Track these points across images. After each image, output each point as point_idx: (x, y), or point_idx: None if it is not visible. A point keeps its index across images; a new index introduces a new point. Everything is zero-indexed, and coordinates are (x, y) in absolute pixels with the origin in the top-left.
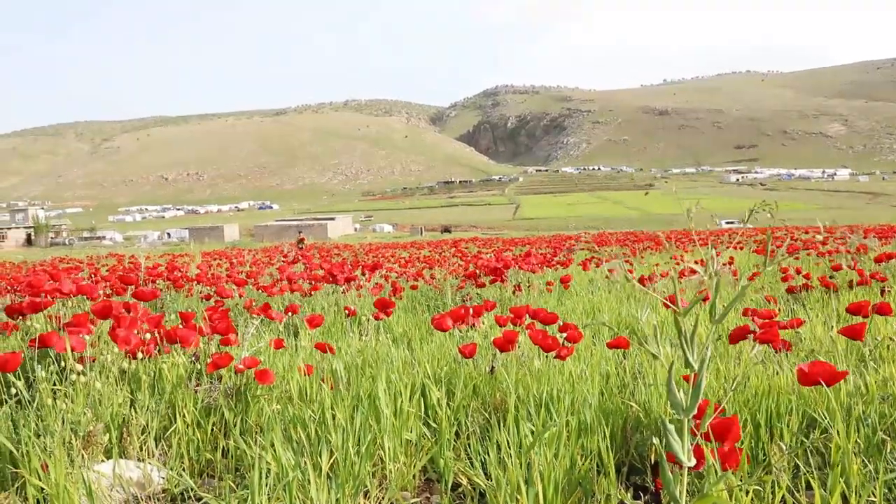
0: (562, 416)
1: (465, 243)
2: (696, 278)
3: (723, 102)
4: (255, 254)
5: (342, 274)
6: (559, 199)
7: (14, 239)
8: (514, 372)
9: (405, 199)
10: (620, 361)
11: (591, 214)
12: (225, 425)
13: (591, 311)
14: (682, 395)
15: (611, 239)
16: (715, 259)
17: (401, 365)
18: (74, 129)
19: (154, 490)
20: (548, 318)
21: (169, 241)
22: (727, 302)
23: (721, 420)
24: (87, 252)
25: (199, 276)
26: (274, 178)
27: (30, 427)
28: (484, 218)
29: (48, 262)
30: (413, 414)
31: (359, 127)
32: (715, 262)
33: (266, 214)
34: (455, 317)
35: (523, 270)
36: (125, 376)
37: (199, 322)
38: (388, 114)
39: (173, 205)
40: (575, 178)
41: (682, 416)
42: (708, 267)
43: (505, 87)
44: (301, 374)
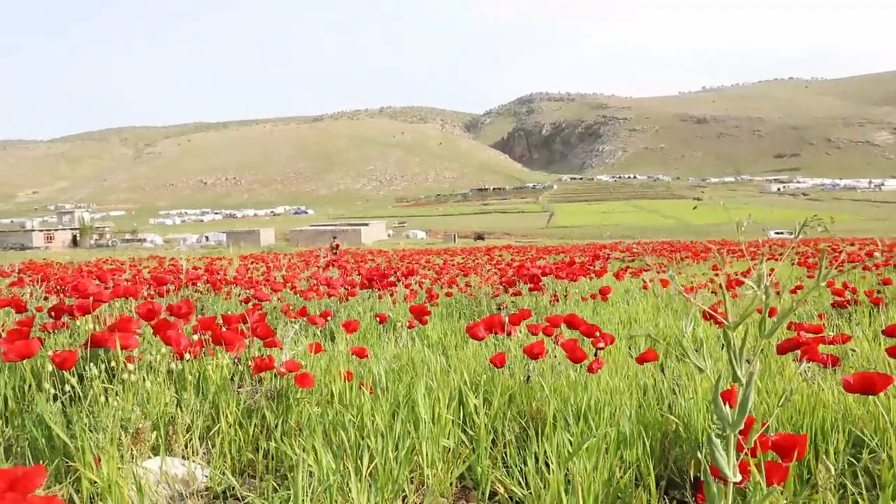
0: (600, 427)
1: (498, 251)
2: (749, 292)
3: (764, 110)
4: (291, 258)
5: (379, 280)
6: (594, 207)
7: (61, 240)
8: (550, 381)
9: (438, 206)
10: (655, 374)
11: (627, 223)
12: (266, 427)
13: (628, 322)
14: (728, 410)
15: (647, 248)
16: (766, 273)
17: (438, 372)
18: (119, 135)
19: (198, 487)
20: (588, 329)
21: (207, 245)
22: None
23: (786, 436)
24: (128, 254)
25: (237, 280)
26: (310, 184)
27: (82, 423)
28: (517, 225)
29: (93, 263)
30: (451, 421)
31: (394, 134)
32: (766, 277)
33: (301, 219)
34: (488, 325)
35: (560, 279)
36: (171, 376)
37: (241, 326)
38: (422, 121)
39: (212, 209)
40: (610, 187)
41: (729, 431)
42: (760, 280)
43: (540, 94)
44: (340, 379)
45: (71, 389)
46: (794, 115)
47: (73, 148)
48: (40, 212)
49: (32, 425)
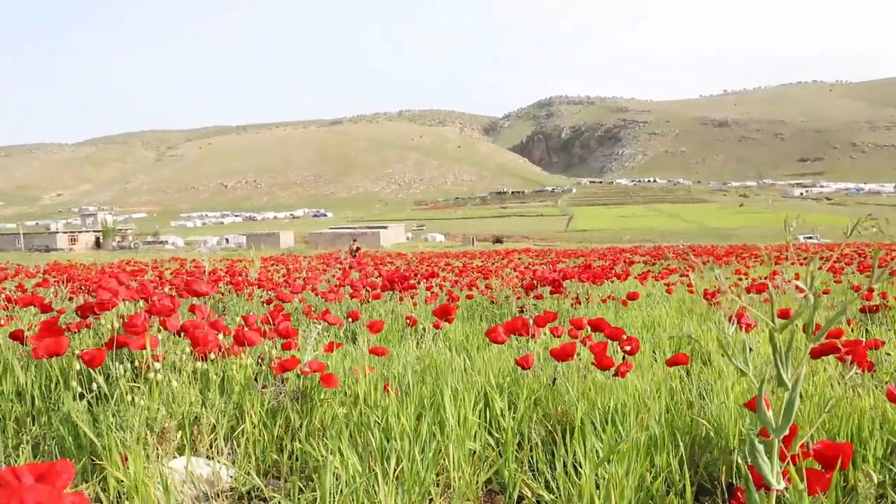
0: (630, 431)
1: (517, 254)
2: (800, 294)
3: (786, 113)
4: (311, 260)
5: (400, 282)
6: (613, 211)
7: (84, 242)
8: (576, 384)
9: (457, 209)
10: (682, 378)
11: (647, 227)
12: (290, 427)
13: (651, 326)
14: (770, 415)
15: (668, 252)
16: (813, 275)
17: (463, 374)
18: (141, 138)
19: (222, 488)
20: (613, 332)
21: (227, 247)
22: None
23: (829, 444)
24: (150, 256)
25: (260, 282)
26: (329, 187)
27: (108, 421)
28: (536, 229)
29: (115, 265)
30: (476, 423)
31: (412, 137)
32: (813, 279)
33: (320, 222)
34: (510, 328)
35: (582, 282)
36: (195, 376)
37: (263, 326)
38: (441, 124)
39: (232, 211)
40: (630, 190)
41: (773, 436)
42: (810, 282)
43: (559, 97)
44: (364, 379)
45: (97, 388)
46: (817, 118)
47: (96, 151)
48: (64, 214)
49: (60, 423)
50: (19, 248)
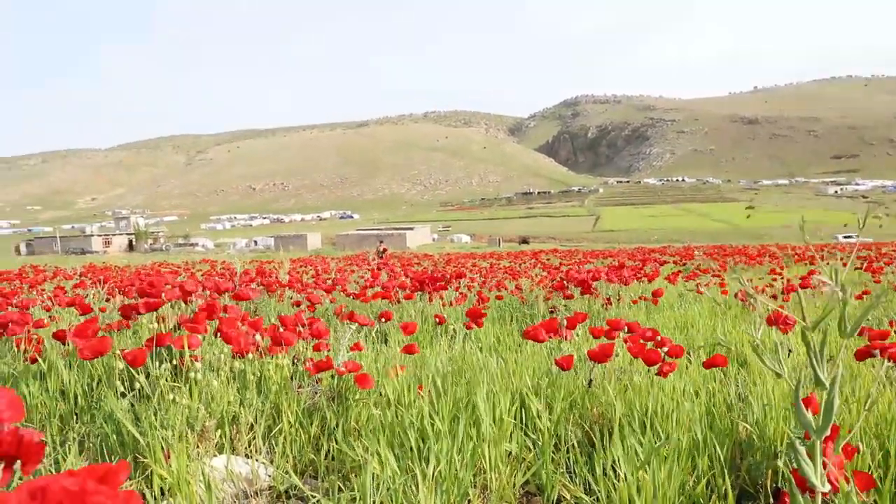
0: (671, 433)
1: (545, 254)
2: (826, 289)
3: (820, 110)
4: (338, 262)
5: (429, 283)
6: (641, 210)
7: (118, 244)
8: (613, 386)
9: (483, 210)
10: (719, 380)
11: (675, 227)
12: (325, 427)
13: (684, 327)
14: (811, 416)
15: (698, 252)
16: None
17: (499, 375)
18: (172, 143)
19: (261, 486)
20: (646, 332)
21: (256, 249)
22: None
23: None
24: (182, 257)
25: (291, 283)
26: (355, 189)
27: (150, 420)
28: (563, 229)
29: (149, 266)
30: (512, 424)
31: (438, 138)
32: (838, 276)
33: (347, 224)
34: (549, 328)
35: (612, 283)
36: (233, 375)
37: (299, 326)
38: (466, 125)
39: (260, 214)
40: (658, 190)
41: (815, 437)
42: (835, 276)
43: (585, 96)
44: (398, 380)
45: (140, 387)
46: (852, 115)
47: (128, 156)
48: (98, 217)
49: (104, 421)
50: (56, 251)
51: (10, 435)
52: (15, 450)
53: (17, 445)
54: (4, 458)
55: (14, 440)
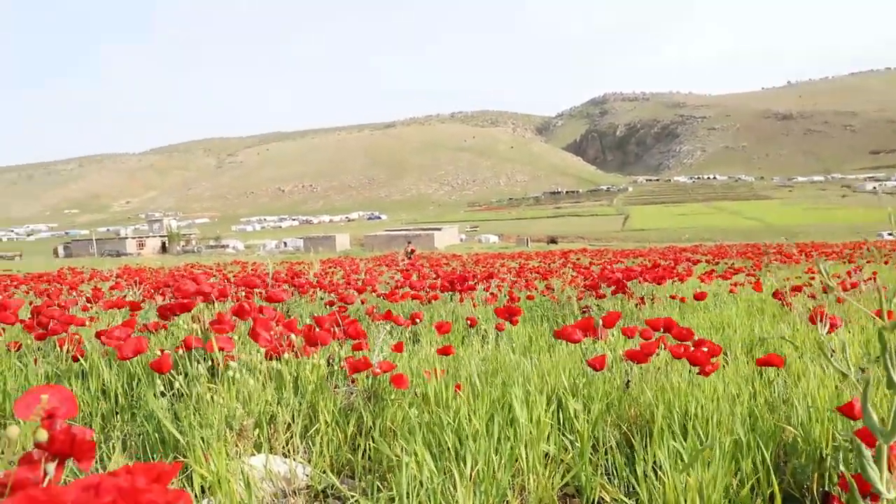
0: (713, 435)
1: (574, 254)
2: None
3: (856, 104)
4: (367, 262)
5: (459, 283)
6: (671, 209)
7: (151, 246)
8: (651, 386)
9: (511, 210)
10: (771, 381)
11: (706, 225)
12: (361, 427)
13: (721, 327)
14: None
15: (731, 251)
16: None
17: (535, 375)
18: (203, 146)
19: (299, 485)
20: (681, 332)
21: (285, 250)
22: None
23: None
24: (213, 259)
25: (321, 283)
26: (383, 190)
27: (189, 419)
28: (591, 229)
29: (182, 268)
30: (549, 425)
31: (465, 138)
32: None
33: (374, 225)
34: (585, 327)
35: (645, 282)
36: (269, 375)
37: (333, 327)
38: (493, 125)
39: (289, 215)
40: (688, 188)
41: (882, 441)
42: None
43: (613, 94)
44: (435, 380)
45: (180, 386)
46: (891, 108)
47: (161, 159)
48: (132, 220)
49: (144, 420)
50: (92, 254)
51: (62, 432)
52: (68, 447)
53: (69, 443)
54: (58, 455)
55: (67, 437)
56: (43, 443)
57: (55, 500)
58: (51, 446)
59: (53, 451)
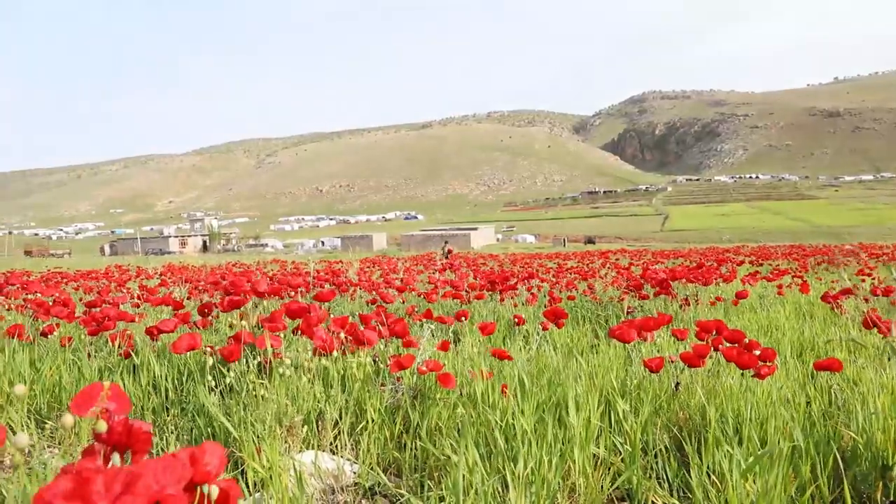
0: (769, 439)
1: (613, 254)
2: None
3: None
4: (405, 262)
5: (500, 283)
6: (711, 209)
7: (193, 245)
8: (700, 389)
9: (547, 210)
10: (829, 386)
11: (748, 226)
12: (407, 425)
13: (769, 330)
14: None
15: (775, 252)
16: None
17: (583, 376)
18: (243, 147)
19: (346, 482)
20: (731, 335)
21: (323, 249)
22: None
23: None
24: (253, 258)
25: (361, 282)
26: (419, 190)
27: (240, 414)
28: (629, 229)
29: (224, 266)
30: (598, 427)
31: (501, 138)
32: None
33: (411, 224)
34: (641, 327)
35: (690, 282)
36: (318, 373)
37: (378, 326)
38: (530, 124)
39: (326, 215)
40: (730, 188)
41: None
42: None
43: (652, 92)
44: (482, 380)
45: (227, 382)
46: None
47: (202, 160)
48: (175, 219)
49: (195, 414)
50: (137, 252)
51: (120, 424)
52: (126, 439)
53: (127, 434)
54: (116, 447)
55: (125, 430)
56: (102, 434)
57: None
58: (109, 437)
59: (112, 443)
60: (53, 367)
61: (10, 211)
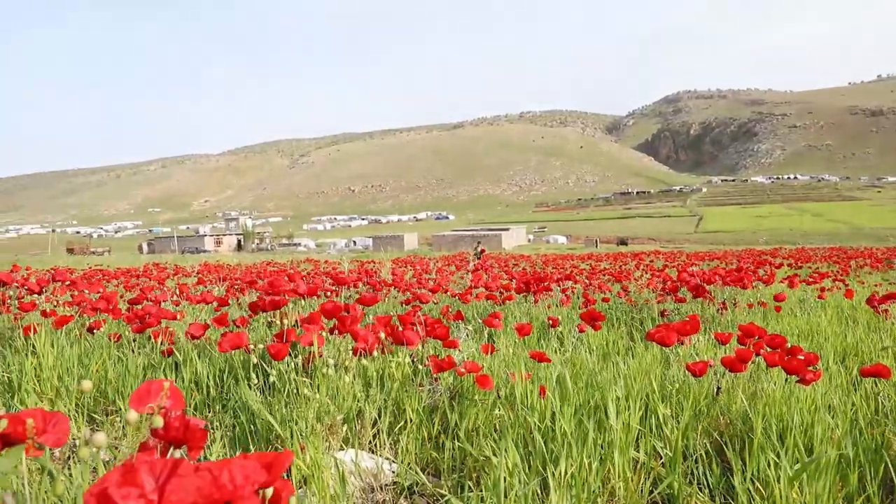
0: (815, 447)
1: (647, 256)
2: None
3: None
4: (436, 262)
5: (535, 283)
6: (748, 210)
7: (227, 244)
8: (742, 394)
9: (579, 211)
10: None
11: (786, 228)
12: (444, 425)
13: (809, 334)
14: None
15: (814, 255)
16: None
17: (618, 378)
18: (276, 147)
19: (385, 481)
20: (773, 339)
21: (355, 249)
22: None
23: None
24: (286, 257)
25: (396, 282)
26: (450, 190)
27: (282, 412)
28: (663, 230)
29: (259, 265)
30: (638, 430)
31: (533, 138)
32: None
33: (442, 225)
34: (682, 330)
35: (728, 285)
36: (357, 372)
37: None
38: (563, 124)
39: (358, 215)
40: (767, 188)
41: None
42: None
43: (687, 92)
44: (521, 382)
45: (267, 381)
46: None
47: (237, 160)
48: (210, 218)
49: (238, 411)
50: (174, 250)
51: (177, 420)
52: (182, 435)
53: (183, 430)
54: (172, 443)
55: (181, 426)
56: (159, 430)
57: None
58: (166, 434)
59: (168, 439)
60: (99, 362)
61: (54, 210)
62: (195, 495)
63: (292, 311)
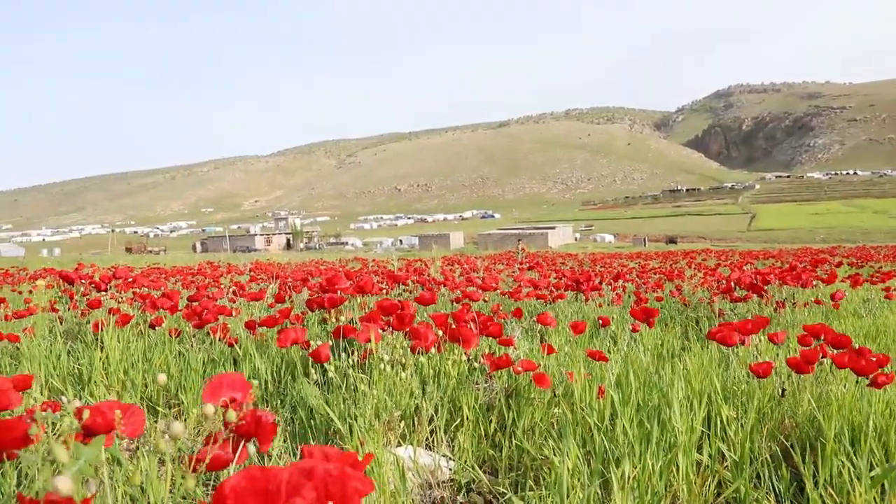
0: (893, 452)
1: (698, 254)
2: None
3: None
4: (483, 261)
5: (585, 282)
6: (803, 208)
7: (277, 243)
8: (809, 396)
9: (627, 209)
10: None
11: (845, 225)
12: (501, 423)
13: (877, 336)
14: None
15: (876, 253)
16: None
17: (683, 381)
18: (324, 148)
19: (442, 478)
20: (837, 339)
21: (401, 248)
22: None
23: None
24: (334, 255)
25: (446, 281)
26: (496, 188)
27: (341, 407)
28: (714, 228)
29: (308, 264)
30: (702, 432)
31: (580, 136)
32: None
33: (487, 223)
34: (744, 330)
35: (786, 285)
36: (414, 369)
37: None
38: (610, 121)
39: (404, 214)
40: (824, 185)
41: None
42: None
43: (739, 86)
44: (579, 381)
45: (333, 376)
46: None
47: (286, 161)
48: (260, 218)
49: (297, 406)
50: (226, 249)
51: (249, 414)
52: (253, 428)
53: (255, 424)
54: (243, 436)
55: (253, 419)
56: (231, 423)
57: (273, 478)
58: (238, 427)
59: (240, 432)
60: (162, 357)
61: (113, 210)
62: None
63: (347, 308)
